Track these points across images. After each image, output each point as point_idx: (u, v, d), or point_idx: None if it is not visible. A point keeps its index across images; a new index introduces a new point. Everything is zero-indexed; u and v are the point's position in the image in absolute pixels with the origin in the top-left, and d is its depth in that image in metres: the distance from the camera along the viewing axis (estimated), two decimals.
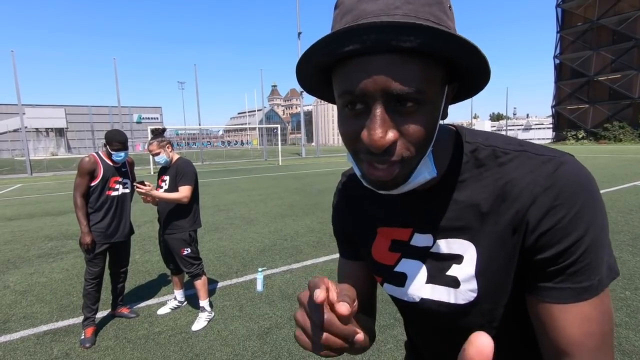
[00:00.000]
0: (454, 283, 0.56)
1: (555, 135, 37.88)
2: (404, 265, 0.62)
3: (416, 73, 0.43)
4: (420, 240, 0.60)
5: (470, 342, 0.28)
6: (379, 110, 0.44)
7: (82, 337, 2.76)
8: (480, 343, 0.27)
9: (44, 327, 3.03)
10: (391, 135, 0.45)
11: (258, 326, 2.92)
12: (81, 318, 2.88)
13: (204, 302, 3.04)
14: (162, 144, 2.95)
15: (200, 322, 2.96)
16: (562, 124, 37.08)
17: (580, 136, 34.15)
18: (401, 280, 0.62)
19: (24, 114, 20.96)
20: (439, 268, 0.58)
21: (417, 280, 0.60)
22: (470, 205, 0.54)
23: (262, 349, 2.61)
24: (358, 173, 0.53)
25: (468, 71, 0.49)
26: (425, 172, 0.50)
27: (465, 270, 0.55)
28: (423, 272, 0.60)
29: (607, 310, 0.48)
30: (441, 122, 0.53)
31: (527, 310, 0.53)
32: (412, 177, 0.49)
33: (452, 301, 0.57)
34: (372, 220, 0.67)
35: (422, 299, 0.60)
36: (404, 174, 0.49)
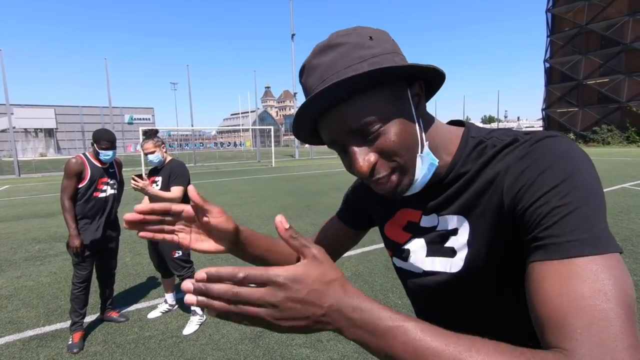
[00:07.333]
0: (451, 253, 0.63)
1: None
2: (411, 243, 0.70)
3: (363, 109, 0.52)
4: (427, 221, 0.68)
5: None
6: (351, 148, 0.56)
7: (70, 342, 2.70)
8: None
9: (30, 332, 2.96)
10: (370, 160, 0.55)
11: (250, 329, 2.88)
12: (69, 323, 2.82)
13: (195, 306, 3.00)
14: (157, 143, 2.94)
15: (192, 325, 2.93)
16: (552, 126, 37.54)
17: (570, 139, 34.68)
18: (406, 255, 0.71)
19: (12, 114, 20.58)
20: (439, 242, 0.65)
21: (418, 255, 0.69)
22: (469, 188, 0.61)
23: (254, 353, 2.58)
24: None
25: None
26: (426, 168, 0.58)
27: (459, 240, 0.62)
28: (423, 248, 0.68)
29: (600, 277, 0.40)
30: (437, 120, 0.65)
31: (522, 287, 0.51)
32: (417, 175, 0.58)
33: (449, 270, 0.63)
34: (394, 202, 0.73)
35: (424, 271, 0.68)
36: (406, 178, 0.58)
